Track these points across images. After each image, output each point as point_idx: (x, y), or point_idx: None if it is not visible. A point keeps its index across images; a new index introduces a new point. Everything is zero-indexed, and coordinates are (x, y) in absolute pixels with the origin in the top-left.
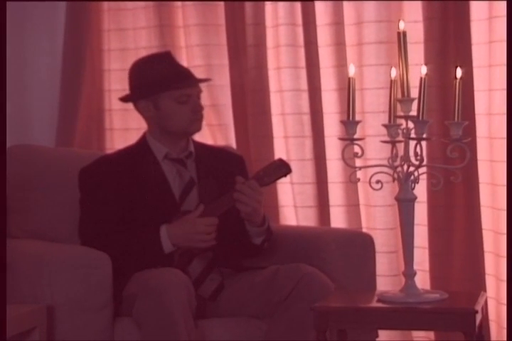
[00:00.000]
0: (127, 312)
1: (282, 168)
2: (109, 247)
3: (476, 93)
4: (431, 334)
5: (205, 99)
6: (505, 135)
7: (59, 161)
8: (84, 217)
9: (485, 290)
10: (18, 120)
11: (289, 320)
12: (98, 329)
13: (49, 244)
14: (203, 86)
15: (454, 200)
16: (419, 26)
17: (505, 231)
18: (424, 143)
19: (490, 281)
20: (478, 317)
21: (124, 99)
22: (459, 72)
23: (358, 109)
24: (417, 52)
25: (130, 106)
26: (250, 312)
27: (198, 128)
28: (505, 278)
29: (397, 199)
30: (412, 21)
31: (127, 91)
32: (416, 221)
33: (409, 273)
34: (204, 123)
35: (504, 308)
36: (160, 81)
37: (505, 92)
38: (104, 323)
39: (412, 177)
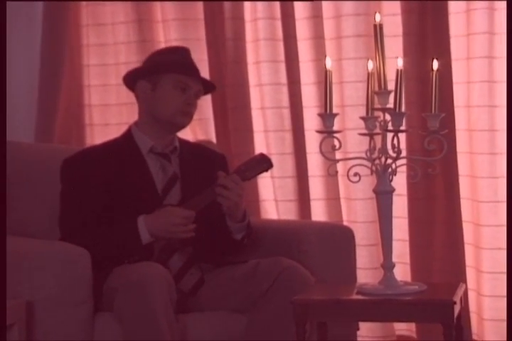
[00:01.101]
0: (108, 306)
1: (263, 163)
2: (89, 240)
3: (454, 85)
4: (412, 327)
5: None
6: (484, 127)
7: (38, 157)
8: (64, 208)
9: (465, 282)
10: None
11: (269, 313)
12: (78, 325)
13: (28, 240)
14: None
15: (434, 193)
16: (398, 19)
17: (484, 223)
18: (403, 136)
19: (470, 273)
20: (457, 309)
21: (127, 77)
22: (435, 64)
23: (337, 102)
24: (395, 45)
25: (109, 101)
26: (231, 306)
27: (185, 123)
28: (485, 269)
29: (375, 191)
30: (391, 14)
31: (107, 87)
32: (396, 213)
33: (388, 265)
34: None
35: (484, 300)
36: (164, 64)
37: (484, 84)
38: (85, 318)
39: (390, 169)
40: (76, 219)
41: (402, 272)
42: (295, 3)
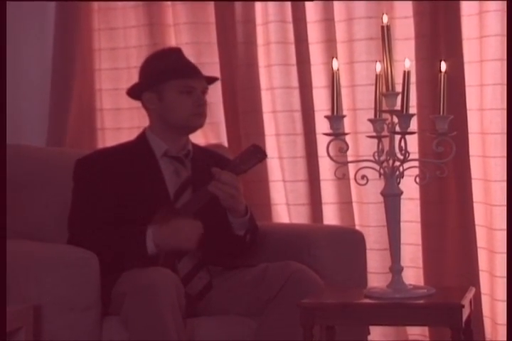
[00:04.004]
0: (116, 311)
1: (257, 154)
2: (96, 243)
3: (467, 88)
4: (425, 331)
5: None
6: (497, 130)
7: (48, 161)
8: (75, 208)
9: (479, 286)
10: (9, 120)
11: (278, 317)
12: (86, 329)
13: (36, 244)
14: None
15: (447, 196)
16: (410, 22)
17: (498, 227)
18: (415, 138)
19: (483, 277)
20: (466, 312)
21: (130, 91)
22: (443, 66)
23: (348, 105)
24: (407, 48)
25: (121, 105)
26: (240, 310)
27: (200, 124)
28: (499, 274)
29: (382, 194)
30: (403, 17)
31: (118, 91)
32: (409, 217)
33: (396, 269)
34: None
35: (498, 304)
36: (164, 71)
37: (497, 87)
38: (92, 322)
39: (398, 172)
40: (86, 219)
41: (415, 276)
42: (307, 6)
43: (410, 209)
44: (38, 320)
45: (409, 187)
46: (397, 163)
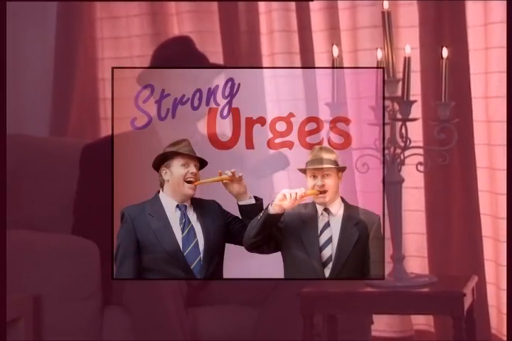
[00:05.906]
0: (118, 299)
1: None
2: (102, 228)
3: (472, 76)
4: (430, 321)
5: None
6: (502, 118)
7: (51, 151)
8: (81, 193)
9: (483, 276)
10: (11, 109)
11: (279, 306)
12: (86, 318)
13: (35, 233)
14: None
15: (452, 185)
16: (414, 9)
17: (503, 215)
18: (420, 127)
19: (489, 266)
20: (468, 301)
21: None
22: (445, 52)
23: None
24: (412, 35)
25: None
26: (241, 299)
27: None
28: (504, 263)
29: (383, 182)
30: (407, 4)
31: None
32: (414, 207)
33: (398, 257)
34: None
35: (503, 293)
36: (170, 60)
37: (502, 75)
38: (93, 312)
39: (399, 159)
40: (91, 205)
41: (420, 266)
42: None
43: (415, 198)
44: (37, 311)
45: (414, 176)
46: (399, 151)
